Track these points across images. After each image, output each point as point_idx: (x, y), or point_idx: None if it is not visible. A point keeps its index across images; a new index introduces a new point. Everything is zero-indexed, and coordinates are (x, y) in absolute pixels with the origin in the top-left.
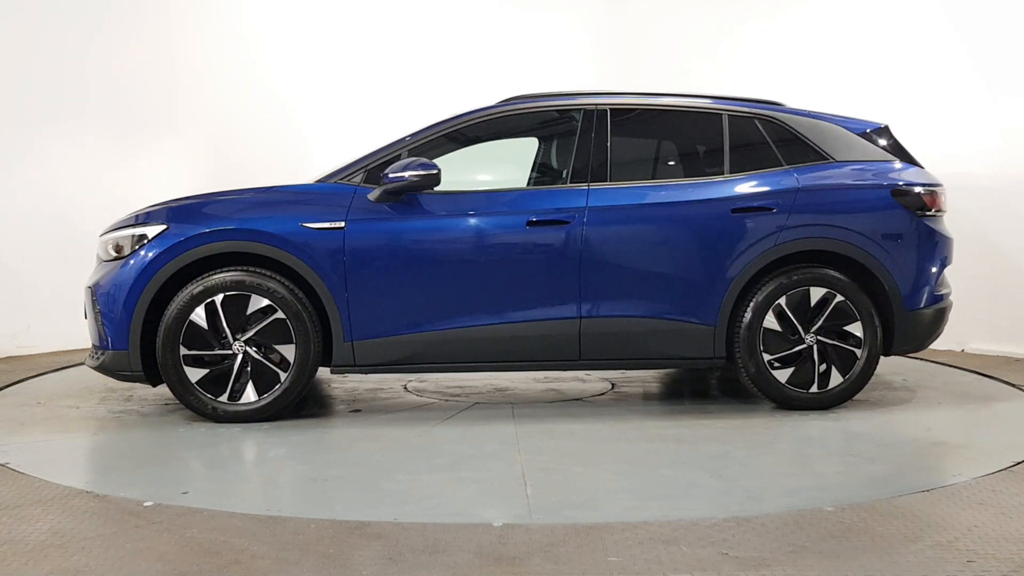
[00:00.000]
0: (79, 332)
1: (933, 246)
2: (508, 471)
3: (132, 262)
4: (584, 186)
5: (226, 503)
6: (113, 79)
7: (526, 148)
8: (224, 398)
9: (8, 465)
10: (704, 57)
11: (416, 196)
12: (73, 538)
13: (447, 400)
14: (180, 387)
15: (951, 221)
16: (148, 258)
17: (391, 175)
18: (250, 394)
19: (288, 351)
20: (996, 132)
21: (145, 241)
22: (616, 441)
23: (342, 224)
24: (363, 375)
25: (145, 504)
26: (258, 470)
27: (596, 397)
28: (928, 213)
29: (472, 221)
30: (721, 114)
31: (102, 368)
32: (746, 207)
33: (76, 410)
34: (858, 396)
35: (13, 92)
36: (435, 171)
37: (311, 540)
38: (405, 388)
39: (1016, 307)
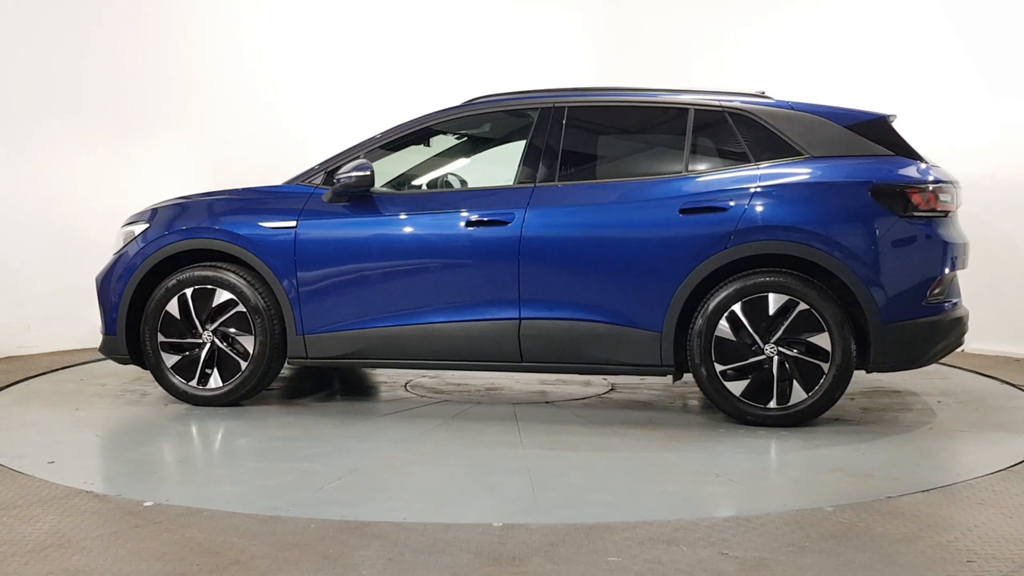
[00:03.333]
0: (79, 332)
1: (923, 250)
2: (347, 465)
3: (122, 256)
4: (530, 186)
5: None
6: (113, 77)
7: (494, 148)
8: (194, 383)
9: (8, 465)
10: (705, 53)
11: (367, 196)
12: (73, 538)
13: (422, 397)
14: (158, 371)
15: None
16: (132, 253)
17: (336, 177)
18: (216, 380)
19: (249, 342)
20: (994, 129)
21: (132, 237)
22: (507, 447)
23: (294, 224)
24: (390, 370)
25: (145, 504)
26: (113, 448)
27: (573, 401)
28: (917, 214)
29: (415, 221)
30: (687, 109)
31: (102, 350)
32: (695, 207)
33: (103, 386)
34: (852, 410)
35: (13, 90)
36: (367, 172)
37: (311, 540)
38: (405, 386)
39: (1016, 307)
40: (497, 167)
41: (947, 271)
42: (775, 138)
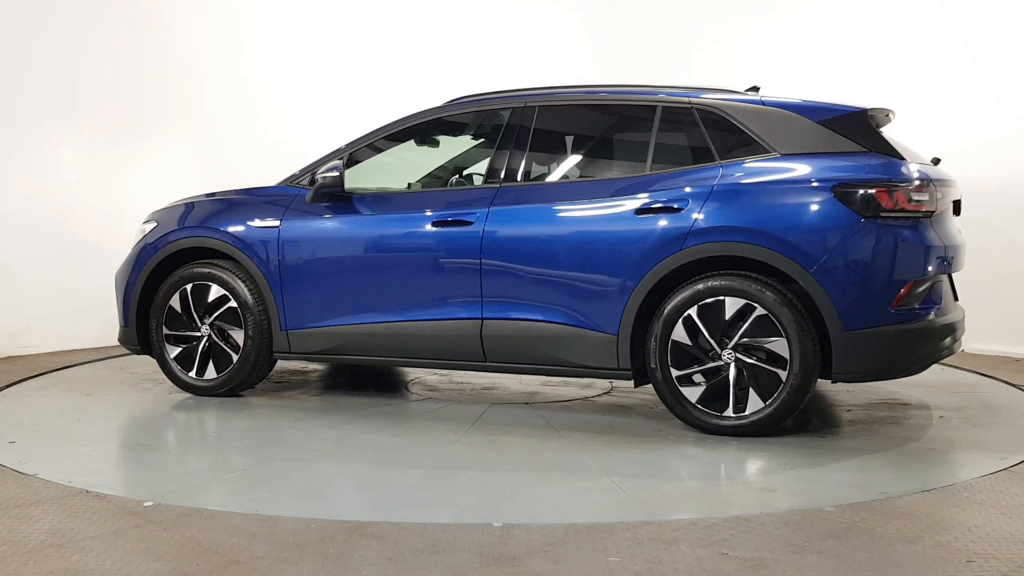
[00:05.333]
0: (79, 332)
1: (890, 253)
2: (264, 457)
3: (134, 252)
4: (495, 186)
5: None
6: (113, 78)
7: (472, 147)
8: (193, 373)
9: (8, 465)
10: (705, 51)
11: (346, 196)
12: (73, 538)
13: (411, 394)
14: (163, 361)
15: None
16: (141, 250)
17: (315, 177)
18: (211, 371)
19: (240, 336)
20: (995, 129)
21: (144, 234)
22: (435, 445)
23: (278, 223)
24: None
25: (145, 504)
26: (83, 433)
27: (555, 402)
28: (885, 215)
29: (386, 220)
30: (655, 106)
31: (119, 340)
32: (651, 207)
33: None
34: (835, 422)
35: (13, 91)
36: (336, 173)
37: (311, 540)
38: (407, 385)
39: (1016, 307)
40: (476, 167)
41: (922, 276)
42: (742, 135)
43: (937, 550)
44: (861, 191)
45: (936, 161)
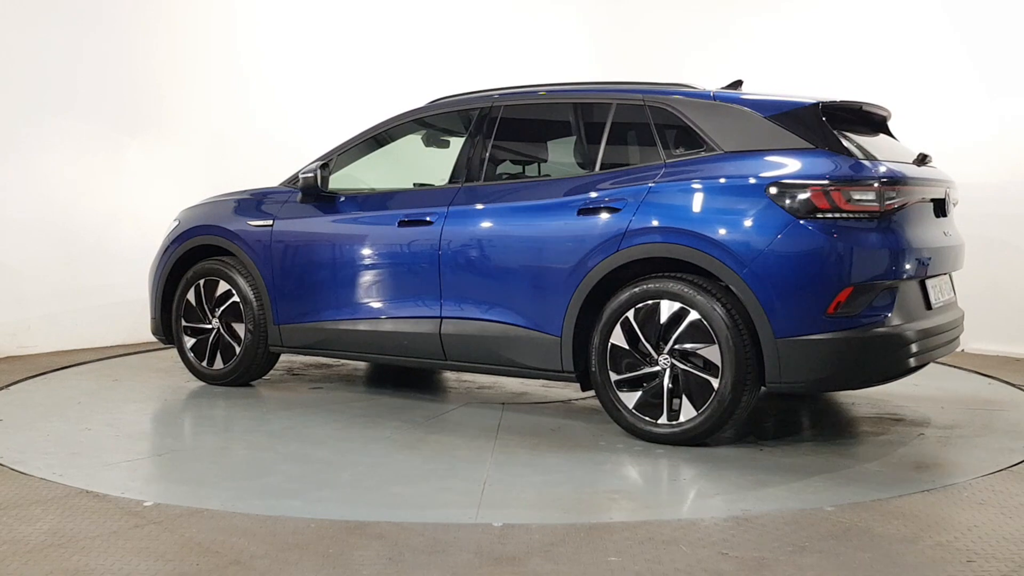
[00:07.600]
0: (79, 332)
1: (825, 256)
2: (197, 445)
3: (161, 249)
4: (457, 186)
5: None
6: (113, 77)
7: (453, 147)
8: (204, 363)
9: (8, 464)
10: (704, 51)
11: (331, 196)
12: (73, 538)
13: (400, 391)
14: (181, 351)
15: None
16: (166, 246)
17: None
18: (219, 362)
19: (242, 329)
20: (993, 128)
21: (169, 232)
22: (360, 441)
23: (271, 222)
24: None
25: (145, 504)
26: (78, 415)
27: (534, 403)
28: (821, 215)
29: (361, 219)
30: (610, 104)
31: (152, 332)
32: (591, 208)
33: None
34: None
35: (12, 92)
36: (311, 175)
37: (311, 540)
38: (423, 384)
39: (1016, 307)
40: (445, 166)
41: (865, 280)
42: (689, 132)
43: (937, 550)
44: (794, 190)
45: (923, 157)
